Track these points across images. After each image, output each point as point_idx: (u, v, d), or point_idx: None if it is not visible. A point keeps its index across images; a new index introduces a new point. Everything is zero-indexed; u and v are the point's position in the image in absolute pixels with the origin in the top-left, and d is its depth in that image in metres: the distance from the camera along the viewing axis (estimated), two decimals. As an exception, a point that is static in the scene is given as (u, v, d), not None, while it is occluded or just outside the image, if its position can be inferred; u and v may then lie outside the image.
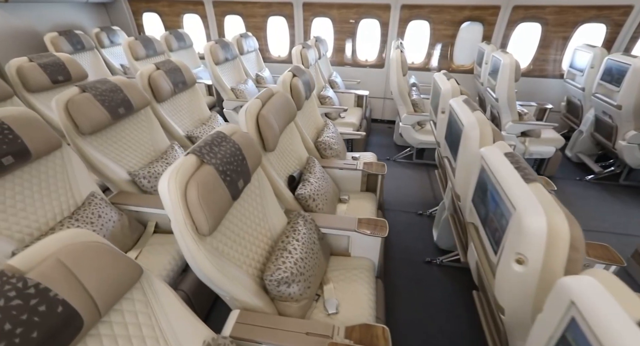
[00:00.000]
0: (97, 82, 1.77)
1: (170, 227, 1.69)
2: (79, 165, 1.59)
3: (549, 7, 3.62)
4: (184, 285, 1.54)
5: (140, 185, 1.84)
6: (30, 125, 1.36)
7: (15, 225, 1.31)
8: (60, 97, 1.59)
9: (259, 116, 1.48)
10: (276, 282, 1.16)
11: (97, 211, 1.53)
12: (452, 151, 1.53)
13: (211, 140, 1.11)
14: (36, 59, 2.37)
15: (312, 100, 2.49)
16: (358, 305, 1.36)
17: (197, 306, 1.55)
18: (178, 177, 0.93)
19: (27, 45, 3.67)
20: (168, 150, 2.07)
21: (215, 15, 4.50)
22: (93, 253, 0.81)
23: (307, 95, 2.23)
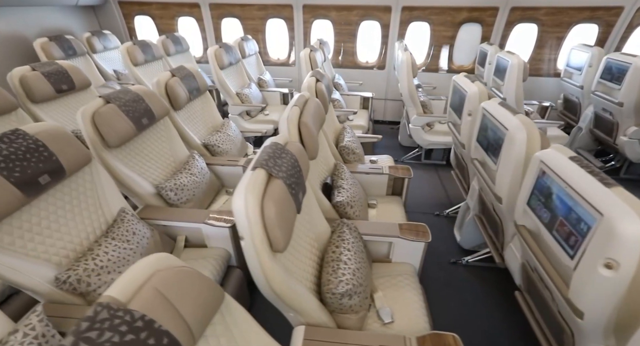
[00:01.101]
0: (119, 92, 1.69)
1: (200, 240, 1.66)
2: (107, 180, 1.51)
3: (545, 8, 3.73)
4: None
5: (167, 199, 1.77)
6: (62, 141, 1.28)
7: (51, 248, 1.23)
8: (86, 110, 1.51)
9: (300, 124, 1.45)
10: (339, 295, 1.14)
11: (131, 228, 1.46)
12: (491, 154, 1.54)
13: (272, 152, 1.07)
14: (39, 67, 2.24)
15: (330, 105, 2.48)
16: (411, 312, 1.35)
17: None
18: (254, 193, 0.89)
19: (15, 51, 3.49)
20: (189, 160, 2.00)
21: (211, 18, 4.40)
22: (183, 278, 0.76)
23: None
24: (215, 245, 1.69)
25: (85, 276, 1.20)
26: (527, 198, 1.20)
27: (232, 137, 2.49)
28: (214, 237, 1.67)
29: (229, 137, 2.46)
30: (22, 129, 1.20)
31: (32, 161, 1.16)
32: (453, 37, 4.14)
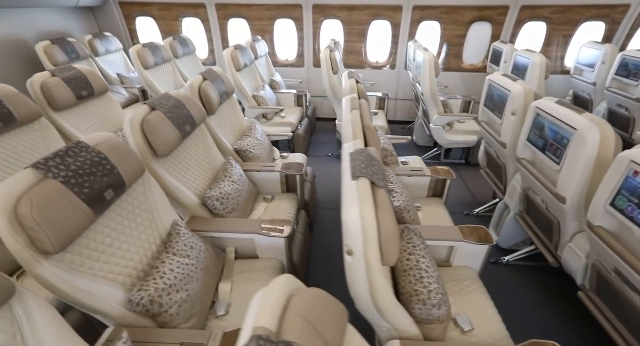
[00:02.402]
0: (162, 98, 1.60)
1: (250, 251, 1.59)
2: (158, 192, 1.43)
3: (554, 6, 3.78)
4: None
5: (212, 208, 1.69)
6: (121, 152, 1.20)
7: (115, 267, 1.14)
8: (134, 117, 1.42)
9: (365, 128, 1.40)
10: (431, 306, 1.10)
11: (189, 241, 1.38)
12: (550, 154, 1.53)
13: (364, 159, 1.02)
14: (59, 73, 2.12)
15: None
16: (487, 318, 1.32)
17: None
18: (369, 205, 0.84)
19: (15, 55, 3.32)
20: (227, 167, 1.93)
21: (217, 18, 4.29)
22: (316, 301, 0.71)
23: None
24: (267, 255, 1.63)
25: (157, 297, 1.12)
26: (610, 199, 1.19)
27: (262, 142, 2.42)
28: (266, 248, 1.60)
29: (259, 141, 2.39)
30: (83, 141, 1.12)
31: (97, 175, 1.07)
32: (463, 35, 4.16)
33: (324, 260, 2.23)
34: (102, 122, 2.41)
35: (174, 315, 1.16)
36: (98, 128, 2.36)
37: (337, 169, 3.43)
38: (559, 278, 2.00)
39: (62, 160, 1.01)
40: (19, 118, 1.75)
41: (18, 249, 0.86)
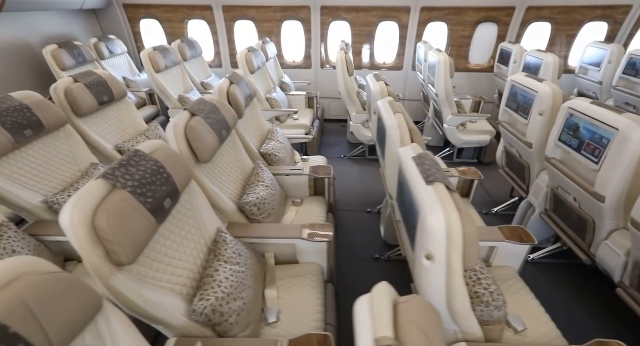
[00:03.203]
0: (199, 104, 1.58)
1: (290, 256, 1.58)
2: (202, 199, 1.41)
3: (559, 7, 3.86)
4: (329, 320, 1.43)
5: (249, 214, 1.68)
6: (173, 160, 1.18)
7: (172, 277, 1.12)
8: (177, 124, 1.40)
9: (411, 131, 1.41)
10: (494, 307, 1.11)
11: (236, 248, 1.37)
12: (588, 153, 1.56)
13: (430, 162, 1.03)
14: (81, 78, 2.08)
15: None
16: (537, 317, 1.34)
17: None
18: (453, 210, 0.85)
19: (21, 59, 3.24)
20: (257, 171, 1.91)
21: (224, 20, 4.26)
22: (422, 308, 0.71)
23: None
24: (309, 260, 1.62)
25: (218, 306, 1.11)
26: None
27: (285, 145, 2.41)
28: (308, 252, 1.60)
29: (282, 144, 2.37)
30: (140, 149, 1.10)
31: (157, 184, 1.06)
32: (470, 36, 4.21)
33: (350, 261, 2.23)
34: (122, 128, 2.37)
35: (233, 323, 1.14)
36: (118, 134, 2.32)
37: (351, 170, 3.44)
38: (586, 275, 2.04)
39: (127, 169, 0.99)
40: (47, 126, 1.71)
41: (96, 262, 0.84)
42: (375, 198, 2.90)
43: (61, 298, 0.67)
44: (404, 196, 1.10)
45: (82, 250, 0.83)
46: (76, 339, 0.73)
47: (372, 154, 3.67)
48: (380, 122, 1.63)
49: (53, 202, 1.61)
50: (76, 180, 1.80)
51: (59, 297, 0.67)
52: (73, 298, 0.70)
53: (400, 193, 1.16)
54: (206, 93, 3.88)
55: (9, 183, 1.52)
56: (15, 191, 1.53)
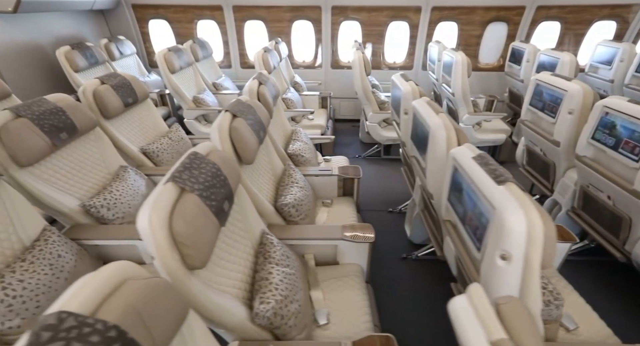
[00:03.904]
0: (238, 105, 1.57)
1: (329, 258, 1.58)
2: (247, 200, 1.40)
3: (569, 6, 3.89)
4: (375, 321, 1.42)
5: (287, 215, 1.67)
6: (227, 162, 1.17)
7: (229, 280, 1.11)
8: (221, 125, 1.39)
9: (454, 130, 1.41)
10: (555, 306, 1.12)
11: (283, 250, 1.36)
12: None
13: (493, 163, 1.03)
14: (107, 80, 2.05)
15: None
16: (586, 316, 1.35)
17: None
18: (531, 207, 0.85)
19: (33, 60, 3.20)
20: (290, 172, 1.90)
21: (234, 20, 4.23)
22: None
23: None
24: (349, 261, 1.62)
25: (278, 309, 1.10)
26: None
27: (309, 145, 2.41)
28: (349, 253, 1.59)
29: (307, 145, 2.37)
30: (199, 152, 1.08)
31: (217, 187, 1.05)
32: (480, 36, 4.23)
33: (377, 262, 2.23)
34: (145, 130, 2.34)
35: (292, 326, 1.14)
36: (141, 136, 2.29)
37: (368, 171, 3.43)
38: (616, 272, 2.06)
39: (191, 172, 0.98)
40: (79, 128, 1.69)
41: (174, 266, 0.83)
42: (395, 198, 2.90)
43: (160, 303, 0.66)
44: (463, 197, 1.10)
45: (161, 254, 0.82)
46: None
47: (387, 154, 3.67)
48: (418, 123, 1.63)
49: (90, 205, 1.59)
50: (108, 182, 1.78)
51: (159, 302, 0.66)
52: (169, 304, 0.69)
53: (457, 194, 1.16)
54: (219, 94, 3.86)
55: (47, 187, 1.50)
56: (53, 195, 1.51)
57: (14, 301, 1.11)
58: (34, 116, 1.47)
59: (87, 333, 0.52)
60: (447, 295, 1.97)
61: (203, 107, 3.39)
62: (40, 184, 1.47)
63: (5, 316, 1.08)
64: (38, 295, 1.18)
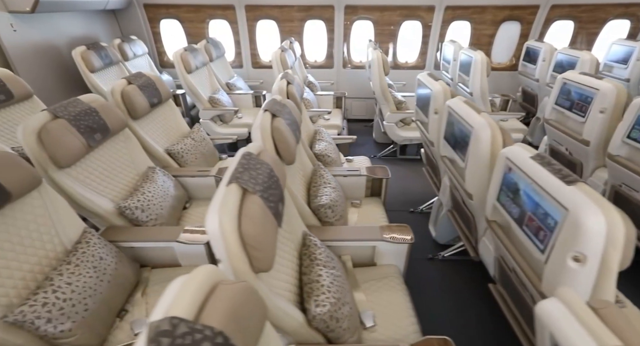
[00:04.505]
0: (275, 104, 1.55)
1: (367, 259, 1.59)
2: (291, 202, 1.38)
3: (584, 5, 3.89)
4: None
5: (323, 216, 1.66)
6: (277, 163, 1.15)
7: (281, 283, 1.10)
8: (263, 126, 1.37)
9: (497, 128, 1.39)
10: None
11: (327, 251, 1.34)
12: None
13: (556, 163, 1.01)
14: (133, 80, 2.03)
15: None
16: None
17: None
18: (608, 207, 0.84)
19: (50, 61, 3.17)
20: (322, 172, 1.89)
21: (246, 20, 4.22)
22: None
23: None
24: (387, 262, 1.60)
25: (334, 312, 1.08)
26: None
27: (333, 145, 2.39)
28: (388, 254, 1.58)
29: (331, 145, 2.35)
30: (251, 152, 1.07)
31: (273, 188, 1.03)
32: (493, 35, 4.23)
33: None
34: (168, 130, 2.32)
35: (346, 329, 1.12)
36: (165, 136, 2.28)
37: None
38: None
39: (250, 173, 0.96)
40: (111, 129, 1.67)
41: (244, 269, 0.82)
42: (415, 198, 2.89)
43: (250, 307, 0.65)
44: (519, 197, 1.09)
45: (232, 257, 0.80)
46: None
47: (403, 154, 3.66)
48: (455, 122, 1.62)
49: (125, 207, 1.57)
50: (139, 184, 1.76)
51: (249, 307, 0.64)
52: (255, 308, 0.67)
53: (510, 195, 1.14)
54: (232, 94, 3.85)
55: (83, 188, 1.48)
56: (90, 196, 1.49)
57: (65, 305, 1.09)
58: (70, 117, 1.45)
59: (199, 340, 0.50)
60: (480, 296, 2.00)
61: (219, 107, 3.37)
62: (77, 185, 1.46)
63: (58, 319, 1.06)
64: (85, 297, 1.16)
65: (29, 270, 1.15)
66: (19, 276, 1.11)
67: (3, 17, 2.63)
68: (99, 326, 1.20)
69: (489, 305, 1.89)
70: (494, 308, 1.83)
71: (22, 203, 1.19)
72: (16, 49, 2.74)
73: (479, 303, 1.92)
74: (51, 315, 1.06)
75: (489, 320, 1.83)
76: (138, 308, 1.35)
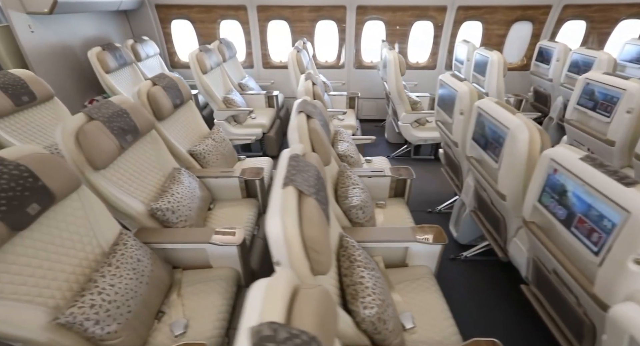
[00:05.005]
0: (308, 105, 1.55)
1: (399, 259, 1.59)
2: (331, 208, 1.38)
3: (596, 5, 3.88)
4: None
5: (354, 218, 1.65)
6: (320, 163, 1.15)
7: (330, 286, 1.10)
8: (301, 127, 1.37)
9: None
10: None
11: (365, 254, 1.34)
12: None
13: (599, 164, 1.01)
14: (158, 81, 2.03)
15: None
16: None
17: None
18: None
19: (65, 61, 3.17)
20: (349, 173, 1.88)
21: (258, 20, 4.21)
22: None
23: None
24: (419, 263, 1.60)
25: (381, 314, 1.08)
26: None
27: (354, 146, 2.38)
28: (419, 255, 1.57)
29: (352, 145, 2.35)
30: (298, 153, 1.06)
31: (321, 189, 1.03)
32: (504, 35, 4.22)
33: None
34: (189, 131, 2.32)
35: (391, 331, 1.12)
36: (187, 137, 2.27)
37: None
38: None
39: (302, 175, 0.96)
40: (141, 131, 1.67)
41: (304, 273, 0.81)
42: (432, 199, 2.89)
43: (329, 311, 0.64)
44: (567, 199, 1.08)
45: (296, 260, 0.80)
46: None
47: (417, 154, 3.66)
48: (487, 123, 1.62)
49: (157, 208, 1.56)
50: (167, 185, 1.75)
51: (328, 311, 0.64)
52: (331, 312, 0.67)
53: (556, 196, 1.14)
54: (245, 94, 3.84)
55: (117, 190, 1.48)
56: (123, 198, 1.49)
57: (110, 306, 1.09)
58: (104, 118, 1.45)
59: (299, 345, 0.50)
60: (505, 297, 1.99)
61: (233, 108, 3.37)
62: (111, 187, 1.45)
63: (105, 321, 1.06)
64: (128, 299, 1.16)
65: (71, 272, 1.15)
66: (62, 278, 1.11)
67: (21, 18, 2.62)
68: (140, 328, 1.19)
69: (516, 306, 1.88)
70: (522, 309, 1.84)
71: (63, 205, 1.19)
72: (34, 50, 2.74)
73: (504, 304, 1.92)
74: (99, 317, 1.05)
75: (516, 321, 1.82)
76: (174, 309, 1.35)
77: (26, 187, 1.01)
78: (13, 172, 0.99)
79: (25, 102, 2.03)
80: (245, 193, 2.12)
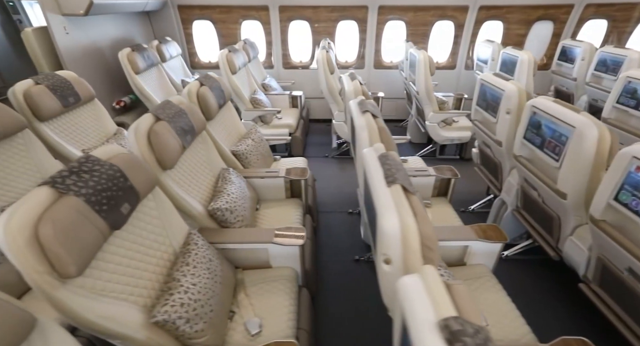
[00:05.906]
0: (369, 105, 1.55)
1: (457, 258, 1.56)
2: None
3: (618, 4, 3.90)
4: None
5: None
6: (402, 163, 1.15)
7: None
8: (370, 125, 1.37)
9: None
10: None
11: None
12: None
13: None
14: (205, 81, 2.03)
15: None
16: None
17: None
18: None
19: (95, 62, 3.18)
20: (395, 172, 1.89)
21: (279, 21, 4.22)
22: None
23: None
24: (477, 261, 1.61)
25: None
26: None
27: (393, 146, 2.39)
28: (479, 254, 1.58)
29: (391, 145, 2.35)
30: (387, 153, 1.07)
31: (411, 183, 1.03)
32: (525, 35, 4.24)
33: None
34: (230, 131, 2.32)
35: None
36: (228, 137, 2.27)
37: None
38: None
39: (401, 173, 0.96)
40: (197, 131, 1.68)
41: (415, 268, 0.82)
42: (462, 198, 2.87)
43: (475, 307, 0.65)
44: None
45: (412, 257, 0.80)
46: None
47: (442, 154, 3.67)
48: (546, 122, 1.62)
49: (217, 208, 1.57)
50: (220, 185, 1.76)
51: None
52: None
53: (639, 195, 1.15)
54: (269, 94, 3.85)
55: (181, 190, 1.49)
56: (187, 198, 1.49)
57: (197, 305, 1.09)
58: (169, 119, 1.45)
59: (484, 338, 0.51)
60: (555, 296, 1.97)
61: (261, 108, 3.38)
62: (176, 187, 1.46)
63: (193, 319, 1.06)
64: (209, 298, 1.16)
65: (152, 271, 1.15)
66: (146, 278, 1.12)
67: (57, 20, 2.63)
68: (220, 327, 1.20)
69: (568, 305, 1.88)
70: (576, 309, 1.83)
71: (142, 205, 1.19)
72: (68, 51, 2.75)
73: (555, 304, 1.91)
74: (188, 315, 1.06)
75: (569, 321, 1.81)
76: (244, 309, 1.35)
77: (119, 186, 1.01)
78: (109, 172, 0.99)
79: (71, 103, 2.04)
80: (290, 193, 2.13)
